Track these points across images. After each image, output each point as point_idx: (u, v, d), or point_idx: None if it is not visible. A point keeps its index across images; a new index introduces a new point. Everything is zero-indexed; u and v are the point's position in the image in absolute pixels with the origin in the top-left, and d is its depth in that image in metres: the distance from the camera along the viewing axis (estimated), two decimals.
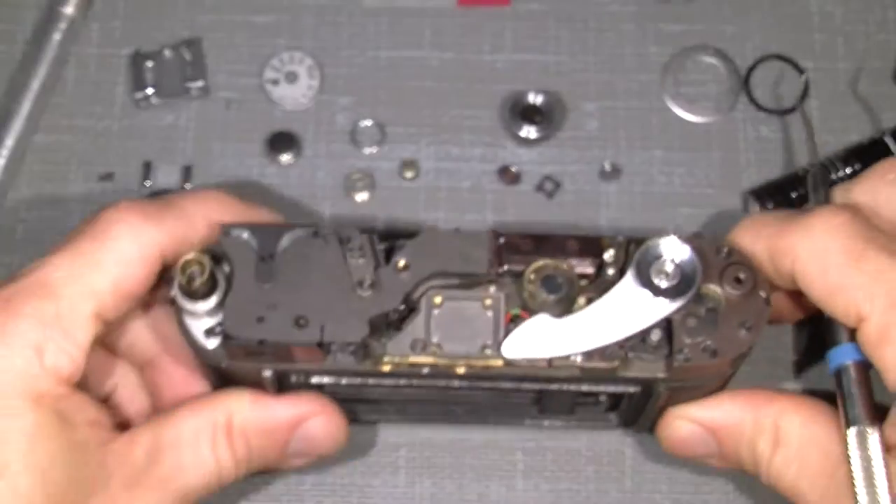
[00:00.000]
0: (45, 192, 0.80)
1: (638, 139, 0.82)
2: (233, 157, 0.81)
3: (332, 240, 0.63)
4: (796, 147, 0.81)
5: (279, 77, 0.82)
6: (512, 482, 0.76)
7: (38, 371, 0.60)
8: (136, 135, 0.82)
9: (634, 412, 0.70)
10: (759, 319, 0.63)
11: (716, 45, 0.83)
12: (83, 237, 0.63)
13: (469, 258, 0.63)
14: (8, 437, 0.59)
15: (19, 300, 0.61)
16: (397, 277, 0.63)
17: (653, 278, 0.63)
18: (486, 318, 0.63)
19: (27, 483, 0.59)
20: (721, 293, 0.63)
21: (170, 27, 0.84)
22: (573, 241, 0.64)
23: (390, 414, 0.74)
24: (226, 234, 0.64)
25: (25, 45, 0.83)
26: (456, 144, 0.82)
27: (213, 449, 0.64)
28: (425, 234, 0.64)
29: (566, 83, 0.83)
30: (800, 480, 0.64)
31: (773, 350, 0.76)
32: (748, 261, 0.64)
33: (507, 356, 0.63)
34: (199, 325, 0.64)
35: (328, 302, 0.62)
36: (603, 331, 0.63)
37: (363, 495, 0.76)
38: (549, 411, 0.72)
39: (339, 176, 0.81)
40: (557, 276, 0.63)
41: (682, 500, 0.76)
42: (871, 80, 0.83)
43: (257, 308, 0.62)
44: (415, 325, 0.63)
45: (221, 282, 0.63)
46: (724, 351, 0.63)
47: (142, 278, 0.63)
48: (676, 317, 0.63)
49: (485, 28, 0.84)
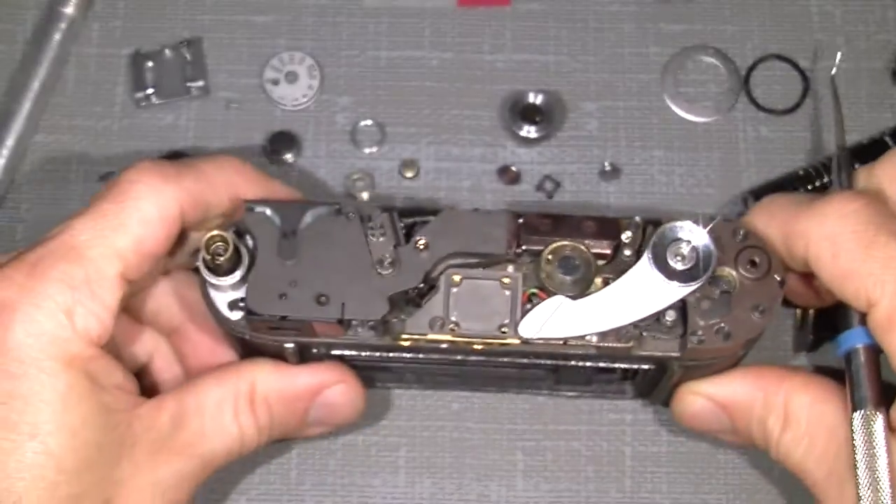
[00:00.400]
0: (45, 192, 0.80)
1: (638, 139, 0.82)
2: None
3: (354, 218, 0.65)
4: (796, 147, 0.81)
5: (279, 77, 0.82)
6: (512, 482, 0.76)
7: (69, 334, 0.61)
8: (136, 135, 0.82)
9: (649, 385, 0.72)
10: (773, 303, 0.64)
11: (716, 45, 0.83)
12: (104, 199, 0.64)
13: (488, 238, 0.64)
14: (41, 399, 0.59)
15: (47, 264, 0.61)
16: (417, 256, 0.64)
17: (669, 261, 0.64)
18: (503, 297, 0.65)
19: (59, 443, 0.59)
20: (736, 276, 0.64)
21: (170, 27, 0.84)
22: (591, 222, 0.65)
23: (407, 381, 0.75)
24: (249, 210, 0.65)
25: (25, 45, 0.83)
26: (456, 144, 0.82)
27: (236, 416, 0.66)
28: (445, 214, 0.65)
29: (566, 83, 0.83)
30: (807, 459, 0.65)
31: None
32: (763, 244, 0.65)
33: (523, 335, 0.64)
34: (223, 297, 0.65)
35: (349, 279, 0.64)
36: (618, 312, 0.64)
37: (363, 495, 0.76)
38: (565, 382, 0.73)
39: (339, 176, 0.81)
40: (574, 257, 0.64)
41: (682, 500, 0.76)
42: (871, 80, 0.83)
43: (279, 285, 0.63)
44: (434, 303, 0.65)
45: (245, 256, 0.64)
46: (737, 334, 0.64)
47: (162, 238, 0.64)
48: (691, 298, 0.64)
49: (485, 28, 0.84)
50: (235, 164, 0.68)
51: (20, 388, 0.59)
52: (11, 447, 0.59)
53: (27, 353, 0.60)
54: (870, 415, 0.62)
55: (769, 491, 0.76)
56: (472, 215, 0.65)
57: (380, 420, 0.77)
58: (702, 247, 0.64)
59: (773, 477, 0.76)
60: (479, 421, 0.77)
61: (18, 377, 0.59)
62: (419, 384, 0.76)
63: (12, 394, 0.59)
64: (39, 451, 0.59)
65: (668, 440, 0.76)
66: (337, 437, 0.76)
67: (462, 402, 0.77)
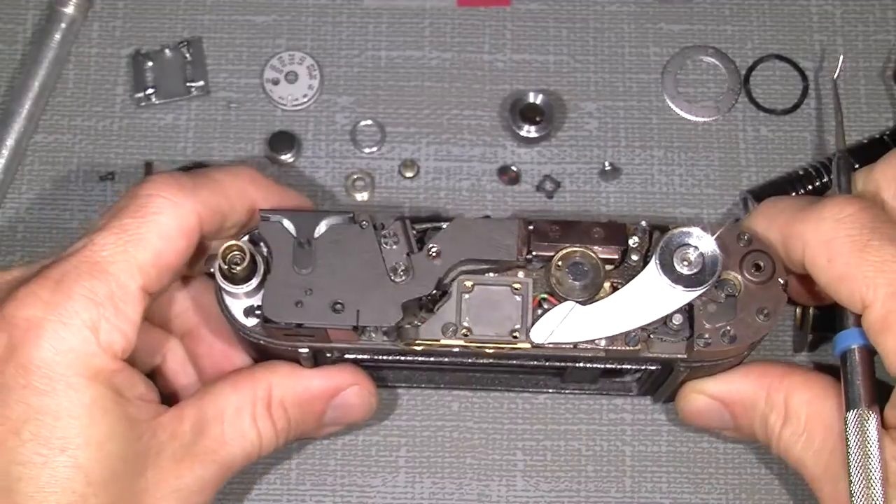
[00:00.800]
0: (46, 192, 0.80)
1: (638, 139, 0.82)
2: (233, 157, 0.81)
3: (368, 226, 0.65)
4: (796, 147, 0.81)
5: (279, 77, 0.82)
6: (512, 482, 0.76)
7: (95, 349, 0.62)
8: (136, 135, 0.82)
9: (654, 384, 0.73)
10: (777, 306, 0.65)
11: (716, 45, 0.83)
12: (124, 213, 0.64)
13: (499, 245, 0.65)
14: (70, 414, 0.60)
15: (71, 280, 0.62)
16: (430, 263, 0.65)
17: (676, 266, 0.65)
18: (514, 302, 0.66)
19: (87, 457, 0.60)
20: (741, 280, 0.65)
21: (170, 27, 0.84)
22: (599, 227, 0.66)
23: (417, 381, 0.76)
24: (264, 220, 0.66)
25: (26, 45, 0.83)
26: (456, 144, 0.82)
27: (255, 421, 0.67)
28: (457, 222, 0.66)
29: (566, 83, 0.83)
30: (805, 453, 0.66)
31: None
32: (768, 248, 0.66)
33: (535, 340, 0.65)
34: (239, 304, 0.66)
35: (363, 287, 0.65)
36: (627, 317, 0.65)
37: (363, 495, 0.76)
38: (571, 381, 0.74)
39: (339, 176, 0.81)
40: (584, 262, 0.65)
41: (682, 499, 0.76)
42: (871, 80, 0.83)
43: (295, 293, 0.64)
44: (446, 309, 0.66)
45: (261, 265, 0.65)
46: (742, 336, 0.65)
47: (182, 250, 0.65)
48: (697, 302, 0.65)
49: (485, 28, 0.84)
50: (250, 174, 0.69)
51: (49, 405, 0.60)
52: (43, 461, 0.60)
53: (55, 370, 0.61)
54: (863, 414, 0.63)
55: (769, 491, 0.76)
56: (483, 223, 0.66)
57: (380, 420, 0.77)
58: (708, 252, 0.64)
59: (773, 476, 0.76)
60: (479, 421, 0.77)
61: (47, 393, 0.60)
62: (429, 383, 0.76)
63: (42, 410, 0.60)
64: (69, 464, 0.60)
65: (668, 440, 0.77)
66: (337, 437, 0.76)
67: (462, 402, 0.77)
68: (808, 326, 0.75)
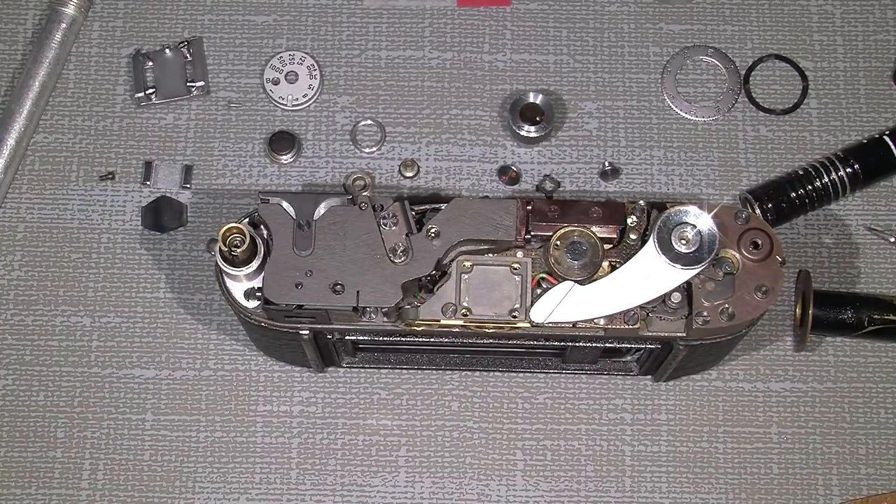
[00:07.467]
0: (46, 192, 0.80)
1: (637, 139, 0.82)
2: (233, 157, 0.81)
3: (367, 208, 0.66)
4: (796, 147, 0.81)
5: (279, 77, 0.82)
6: (512, 482, 0.76)
7: None
8: (136, 135, 0.82)
9: (655, 363, 0.73)
10: (775, 283, 0.66)
11: (716, 45, 0.83)
12: None
13: (498, 225, 0.66)
14: None
15: None
16: (429, 244, 0.66)
17: (674, 244, 0.65)
18: (513, 282, 0.66)
19: None
20: (738, 258, 0.66)
21: (170, 27, 0.84)
22: (597, 207, 0.67)
23: (417, 363, 0.76)
24: (264, 202, 0.66)
25: (26, 45, 0.83)
26: (456, 144, 0.82)
27: None
28: (456, 202, 0.66)
29: (566, 83, 0.83)
30: None
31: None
32: (765, 226, 0.66)
33: (534, 320, 0.66)
34: (239, 286, 0.67)
35: (363, 268, 0.65)
36: (626, 296, 0.65)
37: (363, 495, 0.76)
38: (572, 361, 0.74)
39: (339, 176, 0.81)
40: (582, 242, 0.66)
41: (682, 499, 0.76)
42: (871, 80, 0.83)
43: (295, 274, 0.65)
44: (446, 290, 0.66)
45: (261, 247, 0.65)
46: (741, 314, 0.65)
47: None
48: (696, 280, 0.65)
49: (485, 28, 0.84)
50: None
51: None
52: None
53: None
54: None
55: (769, 491, 0.76)
56: (481, 203, 0.66)
57: (380, 420, 0.77)
58: (706, 230, 0.65)
59: (773, 476, 0.76)
60: (479, 421, 0.77)
61: None
62: (430, 365, 0.76)
63: None
64: None
65: (668, 440, 0.77)
66: (337, 437, 0.76)
67: (462, 403, 0.77)
68: (808, 326, 0.75)
